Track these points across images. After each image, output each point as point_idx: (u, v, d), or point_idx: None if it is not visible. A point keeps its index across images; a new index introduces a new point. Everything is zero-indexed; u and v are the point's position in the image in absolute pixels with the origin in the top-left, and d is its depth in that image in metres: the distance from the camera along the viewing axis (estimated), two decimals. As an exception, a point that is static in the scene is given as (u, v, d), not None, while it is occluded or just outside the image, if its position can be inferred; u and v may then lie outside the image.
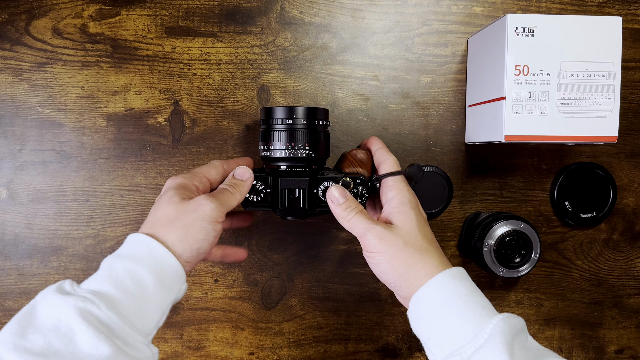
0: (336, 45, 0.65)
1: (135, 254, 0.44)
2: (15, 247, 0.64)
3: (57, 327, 0.39)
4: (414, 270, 0.45)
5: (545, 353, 0.42)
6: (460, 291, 0.44)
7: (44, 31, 0.62)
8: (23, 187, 0.63)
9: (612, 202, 0.66)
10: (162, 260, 0.44)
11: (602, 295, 0.68)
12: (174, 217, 0.46)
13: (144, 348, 0.42)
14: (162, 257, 0.44)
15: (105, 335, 0.39)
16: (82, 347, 0.38)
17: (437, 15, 0.65)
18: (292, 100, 0.65)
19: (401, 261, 0.46)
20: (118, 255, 0.45)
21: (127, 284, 0.42)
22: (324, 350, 0.66)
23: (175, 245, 0.45)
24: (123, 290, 0.42)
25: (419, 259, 0.46)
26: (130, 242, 0.46)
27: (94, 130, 0.64)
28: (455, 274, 0.45)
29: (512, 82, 0.53)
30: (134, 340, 0.41)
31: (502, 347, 0.39)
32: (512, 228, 0.61)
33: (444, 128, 0.66)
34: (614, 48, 0.54)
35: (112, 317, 0.40)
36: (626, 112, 0.67)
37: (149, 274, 0.43)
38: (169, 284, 0.44)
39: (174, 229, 0.45)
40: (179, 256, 0.45)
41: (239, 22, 0.64)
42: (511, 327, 0.41)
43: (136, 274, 0.43)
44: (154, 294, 0.43)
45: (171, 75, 0.64)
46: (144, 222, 0.48)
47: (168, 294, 0.45)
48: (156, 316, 0.44)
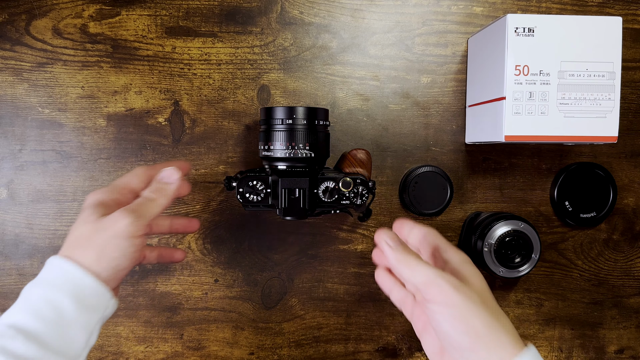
0: (336, 45, 0.65)
1: (51, 279, 0.42)
2: (15, 247, 0.64)
3: None
4: (497, 338, 0.38)
5: None
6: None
7: (44, 31, 0.62)
8: (23, 187, 0.63)
9: (612, 202, 0.66)
10: (79, 282, 0.42)
11: (602, 295, 0.68)
12: (89, 236, 0.44)
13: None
14: (79, 279, 0.42)
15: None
16: None
17: (437, 15, 0.65)
18: (292, 101, 0.65)
19: (480, 320, 0.38)
20: (36, 283, 0.43)
21: (45, 313, 0.41)
22: (324, 350, 0.66)
23: (93, 265, 0.43)
24: (41, 319, 0.40)
25: (499, 325, 0.39)
26: (48, 266, 0.44)
27: (94, 130, 0.64)
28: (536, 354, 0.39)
29: (512, 82, 0.53)
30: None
31: None
32: (512, 228, 0.61)
33: (444, 128, 0.66)
34: (614, 48, 0.54)
35: (31, 348, 0.39)
36: (626, 112, 0.67)
37: (66, 298, 0.41)
38: (91, 304, 0.43)
39: (89, 249, 0.43)
40: (98, 275, 0.43)
41: (239, 22, 0.64)
42: None
43: (54, 301, 0.41)
44: (76, 318, 0.42)
45: (171, 75, 0.64)
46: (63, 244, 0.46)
47: (92, 314, 0.43)
48: (82, 338, 0.42)
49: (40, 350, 0.39)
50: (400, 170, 0.66)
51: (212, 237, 0.65)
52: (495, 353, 0.38)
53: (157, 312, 0.65)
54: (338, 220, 0.66)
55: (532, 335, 0.68)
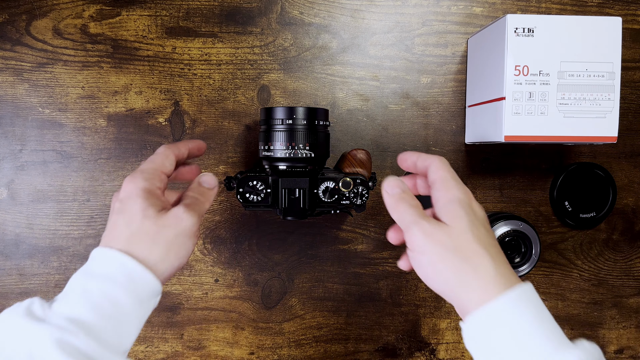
0: (336, 45, 0.65)
1: (111, 274, 0.41)
2: (15, 247, 0.64)
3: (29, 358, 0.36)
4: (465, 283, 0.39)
5: None
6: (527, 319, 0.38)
7: (44, 31, 0.62)
8: (24, 187, 0.64)
9: (611, 202, 0.66)
10: (140, 280, 0.42)
11: (601, 296, 0.68)
12: (154, 233, 0.42)
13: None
14: (141, 277, 0.42)
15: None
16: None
17: (437, 15, 0.65)
18: (292, 101, 0.65)
19: (448, 267, 0.39)
20: (92, 275, 0.42)
21: (105, 308, 0.40)
22: (324, 350, 0.66)
23: (157, 264, 0.43)
24: (101, 315, 0.40)
25: (470, 269, 0.39)
26: (104, 259, 0.42)
27: (95, 131, 0.64)
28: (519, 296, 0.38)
29: (512, 83, 0.54)
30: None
31: None
32: (512, 228, 0.61)
33: (443, 128, 0.66)
34: (613, 48, 0.54)
35: (92, 345, 0.38)
36: (626, 112, 0.67)
37: (127, 295, 0.41)
38: (146, 301, 0.43)
39: (155, 247, 0.42)
40: (161, 275, 0.43)
41: (239, 22, 0.64)
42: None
43: (114, 297, 0.40)
44: (132, 314, 0.41)
45: (171, 75, 0.64)
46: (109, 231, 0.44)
47: (145, 311, 0.43)
48: (134, 334, 0.42)
49: (99, 347, 0.38)
50: (400, 170, 0.66)
51: (212, 237, 0.65)
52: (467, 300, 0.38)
53: (157, 312, 0.65)
54: (338, 220, 0.66)
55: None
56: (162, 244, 0.43)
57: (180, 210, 0.44)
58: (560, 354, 0.36)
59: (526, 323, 0.37)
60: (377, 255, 0.66)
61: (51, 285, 0.64)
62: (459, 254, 0.39)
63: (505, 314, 0.38)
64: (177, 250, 0.43)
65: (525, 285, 0.39)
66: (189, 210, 0.44)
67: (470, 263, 0.39)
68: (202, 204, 0.47)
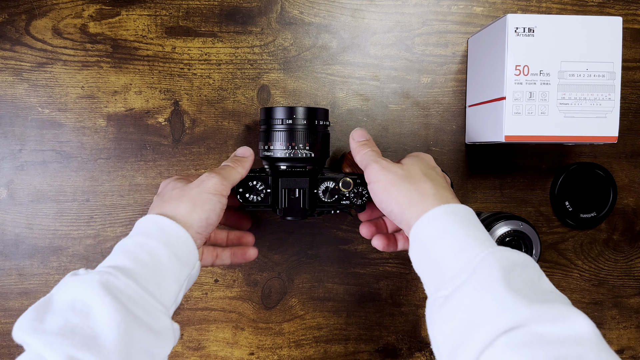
0: (336, 45, 0.65)
1: (144, 230, 0.45)
2: (15, 247, 0.64)
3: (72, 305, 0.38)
4: (409, 198, 0.45)
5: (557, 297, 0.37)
6: (458, 223, 0.42)
7: (44, 31, 0.62)
8: (23, 187, 0.63)
9: (612, 202, 0.66)
10: (172, 232, 0.45)
11: (602, 296, 0.68)
12: (180, 194, 0.48)
13: (164, 318, 0.42)
14: (172, 229, 0.45)
15: (123, 304, 0.39)
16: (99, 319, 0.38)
17: (437, 15, 0.65)
18: (292, 101, 0.65)
19: (399, 190, 0.46)
20: (129, 236, 0.46)
21: (141, 256, 0.43)
22: (324, 351, 0.66)
23: (185, 217, 0.46)
24: (138, 262, 0.42)
25: (415, 188, 0.45)
26: (139, 223, 0.47)
27: (94, 131, 0.64)
28: (456, 209, 0.44)
29: (512, 82, 0.53)
30: (154, 308, 0.41)
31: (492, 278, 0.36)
32: (512, 228, 0.61)
33: (444, 128, 0.66)
34: (614, 48, 0.54)
35: (131, 285, 0.40)
36: (626, 112, 0.67)
37: (161, 246, 0.44)
38: (182, 255, 0.45)
39: (181, 203, 0.47)
40: (189, 227, 0.46)
41: (239, 22, 0.64)
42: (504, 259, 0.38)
43: (149, 247, 0.43)
44: (169, 265, 0.44)
45: (171, 75, 0.64)
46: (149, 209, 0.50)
47: (183, 266, 0.45)
48: (174, 288, 0.44)
49: (139, 288, 0.40)
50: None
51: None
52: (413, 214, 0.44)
53: (157, 312, 0.65)
54: (338, 220, 0.66)
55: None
56: (187, 200, 0.47)
57: (205, 175, 0.49)
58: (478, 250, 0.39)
59: (455, 225, 0.42)
60: (377, 256, 0.66)
61: (51, 285, 0.64)
62: (408, 179, 0.46)
63: (437, 218, 0.43)
64: (201, 204, 0.47)
65: (462, 206, 0.45)
66: (214, 172, 0.49)
67: (416, 186, 0.46)
68: (232, 170, 0.51)
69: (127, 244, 0.44)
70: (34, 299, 0.64)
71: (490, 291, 0.36)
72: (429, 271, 0.42)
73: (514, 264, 0.38)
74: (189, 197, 0.47)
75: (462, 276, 0.38)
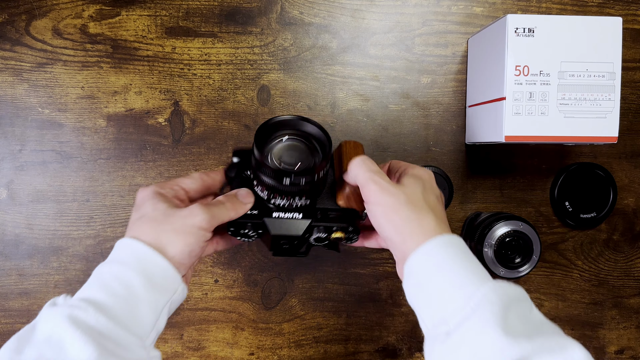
0: (336, 45, 0.65)
1: (120, 257, 0.43)
2: (15, 248, 0.64)
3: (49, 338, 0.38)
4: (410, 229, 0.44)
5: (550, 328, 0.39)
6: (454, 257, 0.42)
7: (44, 31, 0.62)
8: (23, 188, 0.63)
9: (612, 203, 0.66)
10: (149, 260, 0.43)
11: (602, 296, 0.68)
12: (162, 220, 0.44)
13: (138, 350, 0.41)
14: (149, 257, 0.43)
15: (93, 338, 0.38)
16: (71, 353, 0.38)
17: (437, 15, 0.65)
18: (292, 100, 0.65)
19: (400, 217, 0.44)
20: (105, 263, 0.44)
21: (115, 288, 0.41)
22: (324, 351, 0.66)
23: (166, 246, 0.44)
24: (111, 294, 0.41)
25: (417, 218, 0.44)
26: (116, 247, 0.45)
27: (94, 131, 0.64)
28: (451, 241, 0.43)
29: (512, 83, 0.53)
30: (127, 342, 0.40)
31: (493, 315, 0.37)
32: (512, 228, 0.61)
33: (444, 128, 0.66)
34: (614, 48, 0.54)
35: (101, 320, 0.39)
36: (626, 112, 0.67)
37: (136, 275, 0.42)
38: (159, 284, 0.43)
39: (162, 232, 0.44)
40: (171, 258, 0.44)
41: (239, 22, 0.64)
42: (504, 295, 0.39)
43: (123, 277, 0.42)
44: (144, 295, 0.42)
45: (171, 75, 0.64)
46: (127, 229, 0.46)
47: (161, 295, 0.43)
48: (150, 318, 0.43)
49: (110, 322, 0.40)
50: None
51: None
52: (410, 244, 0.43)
53: (157, 313, 0.65)
54: (338, 220, 0.66)
55: (532, 336, 0.68)
56: (170, 230, 0.44)
57: (194, 207, 0.45)
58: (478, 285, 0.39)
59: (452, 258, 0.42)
60: (377, 256, 0.66)
61: (51, 285, 0.64)
62: (409, 206, 0.44)
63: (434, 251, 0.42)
64: (184, 237, 0.44)
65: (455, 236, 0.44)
66: (204, 207, 0.45)
67: (418, 215, 0.44)
68: (225, 211, 0.47)
69: (102, 272, 0.43)
70: (34, 299, 0.64)
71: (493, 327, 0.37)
72: (426, 305, 0.42)
73: (511, 298, 0.39)
74: (172, 227, 0.44)
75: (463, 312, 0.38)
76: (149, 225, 0.44)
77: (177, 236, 0.44)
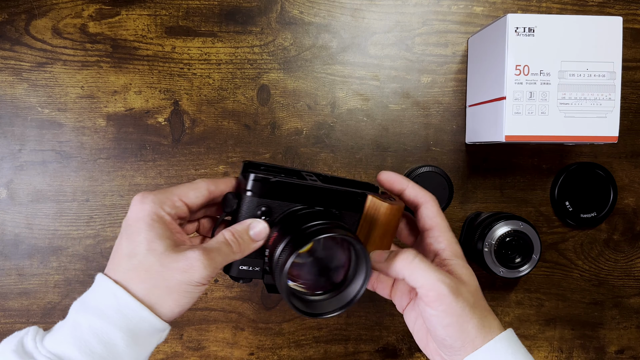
0: (336, 45, 0.65)
1: (103, 308, 0.37)
2: (15, 247, 0.64)
3: None
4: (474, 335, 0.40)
5: None
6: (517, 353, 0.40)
7: (43, 31, 0.62)
8: (23, 187, 0.63)
9: (612, 202, 0.66)
10: (135, 316, 0.37)
11: (602, 296, 0.68)
12: (156, 273, 0.37)
13: None
14: (136, 313, 0.37)
15: None
16: None
17: (437, 15, 0.65)
18: (292, 100, 0.64)
19: (473, 324, 0.40)
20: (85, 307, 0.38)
21: (92, 345, 0.36)
22: (324, 351, 0.66)
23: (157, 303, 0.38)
24: (88, 353, 0.36)
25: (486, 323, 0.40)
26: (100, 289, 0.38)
27: (94, 130, 0.64)
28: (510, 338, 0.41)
29: (512, 82, 0.53)
30: None
31: None
32: (512, 228, 0.61)
33: (444, 128, 0.66)
34: (614, 48, 0.54)
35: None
36: (627, 112, 0.66)
37: (118, 332, 0.37)
38: (145, 339, 0.38)
39: (155, 288, 0.37)
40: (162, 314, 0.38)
41: (239, 22, 0.64)
42: None
43: (103, 334, 0.36)
44: (126, 352, 0.37)
45: (171, 75, 0.64)
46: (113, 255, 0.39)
47: (145, 349, 0.39)
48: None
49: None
50: (400, 170, 0.65)
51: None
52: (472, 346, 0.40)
53: (157, 313, 0.65)
54: (338, 220, 0.66)
55: (532, 336, 0.68)
56: (163, 287, 0.37)
57: (194, 256, 0.37)
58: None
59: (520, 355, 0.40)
60: (377, 256, 0.66)
61: (50, 285, 0.64)
62: (478, 311, 0.40)
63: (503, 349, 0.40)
64: (177, 298, 0.38)
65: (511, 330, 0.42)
66: (207, 258, 0.37)
67: (487, 320, 0.40)
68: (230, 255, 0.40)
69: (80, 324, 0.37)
70: (34, 299, 0.64)
71: None
72: None
73: None
74: (166, 284, 0.37)
75: None
76: (141, 276, 0.38)
77: (171, 295, 0.38)
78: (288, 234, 0.39)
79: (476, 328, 0.39)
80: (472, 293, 0.41)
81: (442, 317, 0.39)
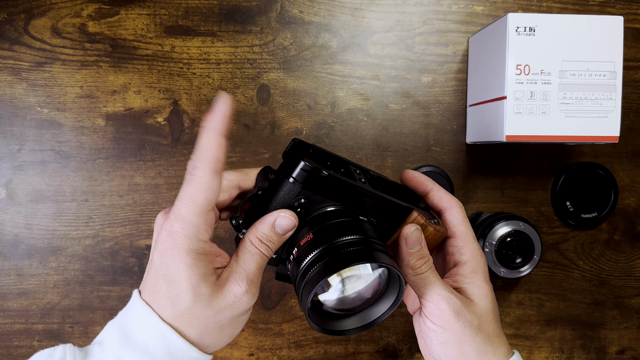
0: (336, 44, 0.64)
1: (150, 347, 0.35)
2: (14, 248, 0.63)
3: None
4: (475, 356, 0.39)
5: None
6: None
7: (43, 31, 0.62)
8: (22, 187, 0.63)
9: (613, 203, 0.66)
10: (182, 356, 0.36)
11: (603, 296, 0.68)
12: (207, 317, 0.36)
13: None
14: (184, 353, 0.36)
15: None
16: None
17: (437, 14, 0.65)
18: (292, 100, 0.64)
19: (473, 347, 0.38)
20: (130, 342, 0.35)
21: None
22: (324, 351, 0.66)
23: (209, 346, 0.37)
24: None
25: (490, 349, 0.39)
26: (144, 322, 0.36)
27: (93, 130, 0.63)
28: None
29: (513, 82, 0.53)
30: None
31: None
32: (513, 228, 0.60)
33: (444, 128, 0.65)
34: (615, 47, 0.54)
35: None
36: (627, 112, 0.66)
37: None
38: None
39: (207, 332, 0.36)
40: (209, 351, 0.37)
41: (239, 21, 0.64)
42: None
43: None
44: None
45: (170, 74, 0.63)
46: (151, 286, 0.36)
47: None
48: None
49: None
50: (400, 170, 0.65)
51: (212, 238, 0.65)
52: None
53: (157, 313, 0.65)
54: (338, 220, 0.66)
55: (533, 336, 0.67)
56: (216, 328, 0.36)
57: (240, 290, 0.36)
58: None
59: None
60: (377, 256, 0.66)
61: (50, 285, 0.64)
62: (482, 334, 0.39)
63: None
64: (231, 332, 0.37)
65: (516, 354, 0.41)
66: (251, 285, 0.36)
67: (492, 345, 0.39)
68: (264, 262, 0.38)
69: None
70: (33, 299, 0.64)
71: None
72: None
73: None
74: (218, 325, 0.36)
75: None
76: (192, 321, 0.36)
77: (223, 332, 0.37)
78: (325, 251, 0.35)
79: (476, 352, 0.38)
80: (479, 315, 0.39)
81: (439, 332, 0.39)
